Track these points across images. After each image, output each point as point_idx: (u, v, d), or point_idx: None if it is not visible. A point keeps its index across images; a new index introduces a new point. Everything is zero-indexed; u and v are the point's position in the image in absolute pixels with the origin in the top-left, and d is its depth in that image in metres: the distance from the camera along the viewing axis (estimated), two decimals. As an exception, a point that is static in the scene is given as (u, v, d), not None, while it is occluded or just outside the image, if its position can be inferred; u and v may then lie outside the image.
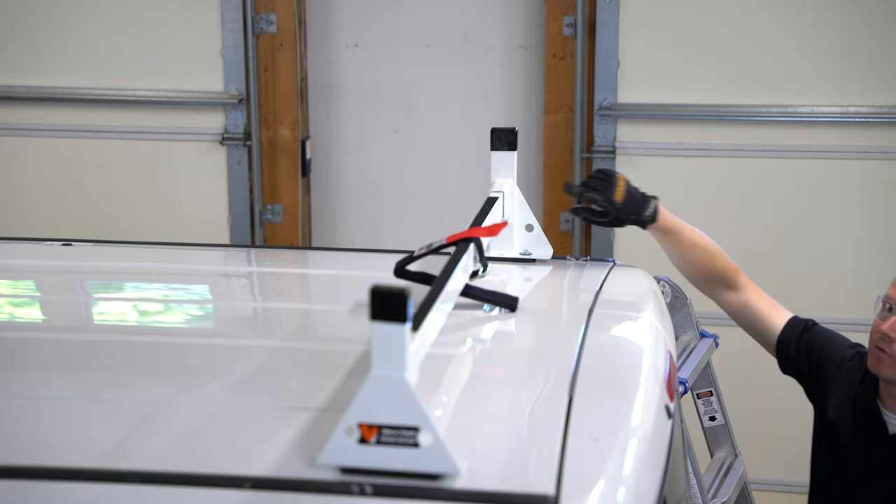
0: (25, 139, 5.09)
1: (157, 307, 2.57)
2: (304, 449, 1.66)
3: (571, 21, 4.79)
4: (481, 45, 5.04)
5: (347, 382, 1.90)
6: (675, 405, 2.15)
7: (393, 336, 1.53)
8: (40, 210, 5.12)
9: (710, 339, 3.38)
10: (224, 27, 4.92)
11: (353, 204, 5.25)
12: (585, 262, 2.77)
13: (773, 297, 3.18)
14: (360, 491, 1.56)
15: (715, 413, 3.46)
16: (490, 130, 2.67)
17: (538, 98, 5.00)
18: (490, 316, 2.27)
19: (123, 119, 5.03)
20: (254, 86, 4.95)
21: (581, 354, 2.04)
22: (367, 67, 5.12)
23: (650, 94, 4.77)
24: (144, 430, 1.78)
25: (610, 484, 1.65)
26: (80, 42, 4.99)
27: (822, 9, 4.65)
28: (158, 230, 5.02)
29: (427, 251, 2.26)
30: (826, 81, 4.69)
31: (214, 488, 1.62)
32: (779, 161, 4.75)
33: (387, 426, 1.55)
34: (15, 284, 2.75)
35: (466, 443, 1.65)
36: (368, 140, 5.19)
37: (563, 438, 1.70)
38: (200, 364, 2.12)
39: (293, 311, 2.56)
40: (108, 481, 1.63)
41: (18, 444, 1.75)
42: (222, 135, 5.00)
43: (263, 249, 4.49)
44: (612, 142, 4.82)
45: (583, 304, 2.44)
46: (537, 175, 5.02)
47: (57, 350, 2.21)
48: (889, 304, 2.74)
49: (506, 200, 2.64)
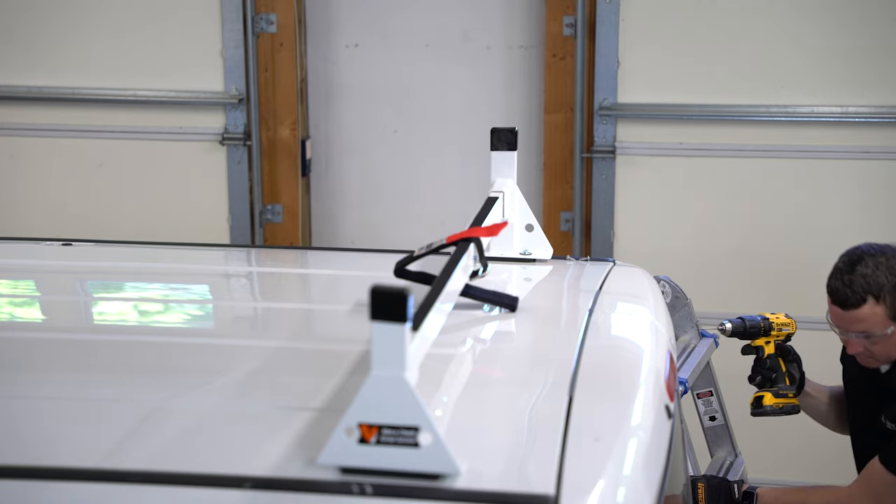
0: (25, 139, 5.09)
1: (157, 307, 2.57)
2: (304, 449, 1.66)
3: (571, 21, 4.79)
4: (481, 45, 5.04)
5: (347, 382, 1.90)
6: (675, 405, 2.15)
7: (393, 336, 1.53)
8: (40, 210, 5.12)
9: (710, 339, 3.38)
10: (224, 27, 4.92)
11: (353, 204, 5.26)
12: (585, 262, 2.77)
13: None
14: (360, 491, 1.56)
15: (715, 413, 3.46)
16: (490, 130, 2.67)
17: (538, 98, 5.00)
18: (490, 316, 2.27)
19: (123, 119, 5.03)
20: (254, 86, 4.95)
21: (581, 354, 2.04)
22: (367, 67, 5.12)
23: (650, 94, 4.77)
24: (144, 430, 1.78)
25: (610, 484, 1.65)
26: (80, 42, 4.99)
27: (822, 9, 4.64)
28: (158, 230, 5.02)
29: (427, 251, 2.26)
30: (826, 81, 4.69)
31: (214, 488, 1.62)
32: (779, 161, 4.75)
33: (387, 426, 1.55)
34: (15, 284, 2.75)
35: (466, 443, 1.65)
36: (368, 140, 5.19)
37: (563, 438, 1.70)
38: (200, 364, 2.11)
39: (293, 311, 2.56)
40: (108, 481, 1.63)
41: (18, 444, 1.75)
42: (222, 135, 5.00)
43: (263, 249, 4.49)
44: (612, 142, 4.82)
45: (583, 304, 2.44)
46: (537, 175, 5.02)
47: (57, 350, 2.21)
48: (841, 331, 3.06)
49: (506, 200, 2.64)
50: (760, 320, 3.29)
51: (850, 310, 2.97)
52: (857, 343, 3.02)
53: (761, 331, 3.27)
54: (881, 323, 2.96)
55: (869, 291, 2.94)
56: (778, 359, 3.28)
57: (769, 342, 3.28)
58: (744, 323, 3.28)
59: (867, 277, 2.95)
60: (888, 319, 2.96)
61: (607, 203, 4.88)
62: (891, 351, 3.02)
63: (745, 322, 3.28)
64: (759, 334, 3.27)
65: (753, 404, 3.32)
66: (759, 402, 3.30)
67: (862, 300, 2.94)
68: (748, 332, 3.28)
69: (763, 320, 3.29)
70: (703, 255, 4.80)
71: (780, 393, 3.28)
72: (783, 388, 3.28)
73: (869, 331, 2.97)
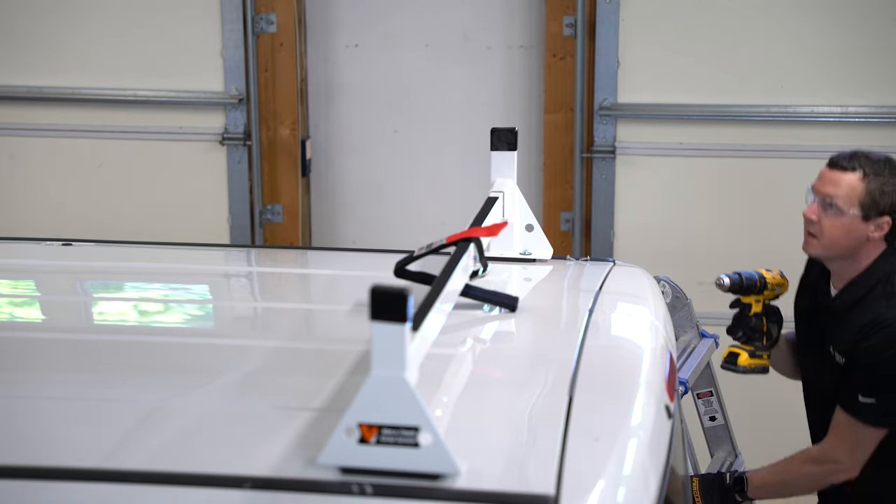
0: (25, 139, 5.09)
1: (157, 307, 2.57)
2: (304, 449, 1.66)
3: (571, 21, 4.79)
4: (481, 45, 5.04)
5: (347, 382, 1.90)
6: (675, 405, 2.15)
7: (393, 336, 1.53)
8: (40, 210, 5.12)
9: (710, 339, 3.38)
10: (224, 27, 4.92)
11: (353, 204, 5.25)
12: (585, 262, 2.77)
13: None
14: (360, 491, 1.56)
15: (715, 413, 3.46)
16: (490, 130, 2.67)
17: (538, 98, 5.00)
18: (490, 316, 2.27)
19: (123, 119, 5.03)
20: (254, 86, 4.95)
21: (581, 354, 2.04)
22: (367, 67, 5.12)
23: (650, 94, 4.77)
24: (144, 430, 1.78)
25: (610, 484, 1.65)
26: (80, 42, 4.99)
27: (822, 9, 4.65)
28: (158, 230, 5.02)
29: (427, 251, 2.26)
30: (826, 81, 4.69)
31: (214, 488, 1.62)
32: (779, 161, 4.75)
33: (387, 426, 1.55)
34: (15, 284, 2.75)
35: (466, 443, 1.65)
36: (368, 140, 5.19)
37: (563, 438, 1.70)
38: (200, 364, 2.12)
39: (293, 311, 2.56)
40: (108, 481, 1.64)
41: (18, 444, 1.75)
42: (222, 135, 5.00)
43: (263, 249, 4.50)
44: (612, 142, 4.82)
45: (583, 304, 2.44)
46: (537, 175, 5.02)
47: (57, 350, 2.21)
48: (813, 194, 3.04)
49: (506, 200, 2.64)
50: (757, 278, 3.24)
51: (837, 171, 3.00)
52: (813, 210, 3.02)
53: (756, 288, 3.23)
54: (851, 199, 2.97)
55: (864, 168, 2.98)
56: (762, 318, 3.25)
57: (759, 301, 3.24)
58: (741, 279, 3.23)
59: (871, 160, 3.00)
60: (858, 204, 2.97)
61: (607, 203, 4.88)
62: (836, 237, 3.00)
63: (742, 278, 3.23)
64: (753, 291, 3.24)
65: (727, 359, 3.28)
66: (733, 358, 3.27)
67: (854, 169, 2.98)
68: (744, 288, 3.24)
69: (760, 278, 3.24)
70: (703, 255, 4.80)
71: (756, 353, 3.26)
72: (760, 348, 3.25)
73: (836, 198, 2.98)
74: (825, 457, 3.06)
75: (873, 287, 3.02)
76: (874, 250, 3.02)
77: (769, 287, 3.25)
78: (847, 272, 3.06)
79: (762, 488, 3.16)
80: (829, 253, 3.04)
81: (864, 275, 3.03)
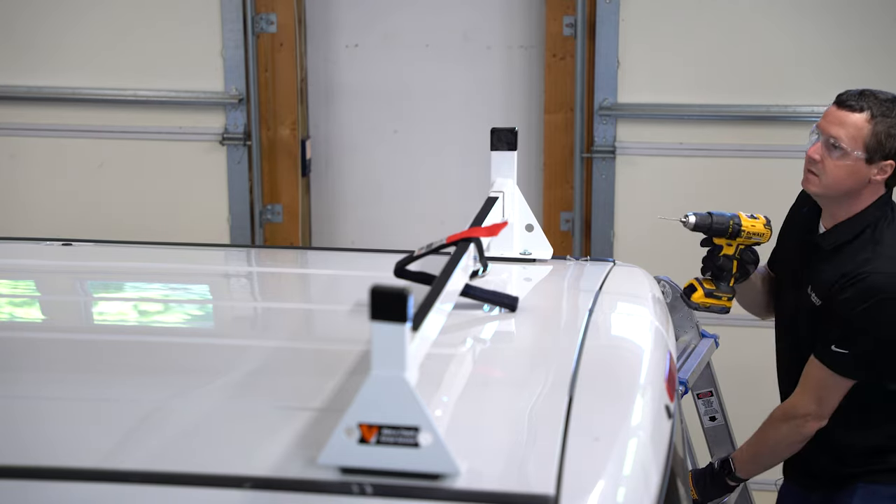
0: (25, 139, 5.09)
1: (157, 307, 2.57)
2: (304, 449, 1.66)
3: (571, 21, 4.79)
4: (481, 45, 5.04)
5: (347, 382, 1.90)
6: (675, 405, 2.15)
7: (393, 336, 1.53)
8: (40, 210, 5.12)
9: (710, 339, 3.38)
10: (224, 27, 4.92)
11: (353, 204, 5.25)
12: (585, 262, 2.78)
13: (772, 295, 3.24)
14: (360, 491, 1.56)
15: (715, 413, 3.46)
16: (490, 130, 2.67)
17: (538, 98, 5.00)
18: (490, 316, 2.27)
19: (123, 119, 5.03)
20: (254, 86, 4.95)
21: (581, 354, 2.04)
22: (367, 67, 5.12)
23: (650, 94, 4.77)
24: (144, 430, 1.78)
25: (610, 484, 1.65)
26: (81, 42, 4.99)
27: (822, 9, 4.65)
28: (158, 230, 5.02)
29: (427, 251, 2.26)
30: (826, 81, 4.68)
31: (214, 488, 1.62)
32: (779, 161, 4.74)
33: (387, 426, 1.55)
34: (15, 284, 2.75)
35: (466, 443, 1.65)
36: (368, 140, 5.19)
37: (563, 438, 1.70)
38: (200, 364, 2.12)
39: (293, 311, 2.56)
40: (108, 481, 1.63)
41: (18, 444, 1.75)
42: (222, 135, 5.00)
43: (263, 249, 4.50)
44: (612, 142, 4.82)
45: (583, 304, 2.44)
46: (537, 175, 5.02)
47: (57, 350, 2.21)
48: (817, 133, 3.01)
49: (506, 200, 2.64)
50: (730, 223, 3.06)
51: (844, 110, 2.97)
52: (817, 149, 2.98)
53: (727, 233, 3.08)
54: (857, 140, 2.94)
55: (873, 108, 2.94)
56: (734, 261, 3.11)
57: (731, 245, 3.11)
58: (710, 219, 3.07)
59: (880, 101, 2.95)
60: (863, 146, 2.94)
61: (607, 203, 4.88)
62: (838, 178, 2.97)
63: (711, 219, 3.07)
64: (724, 235, 3.09)
65: (685, 290, 3.16)
66: (689, 292, 3.14)
67: (861, 109, 2.94)
68: (713, 229, 3.07)
69: (733, 224, 3.06)
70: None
71: (715, 294, 3.13)
72: (722, 289, 3.13)
73: (841, 140, 2.94)
74: (793, 412, 3.06)
75: (861, 231, 3.00)
76: (872, 194, 3.01)
77: (743, 234, 3.09)
78: (840, 213, 3.04)
79: (748, 463, 3.16)
80: (828, 192, 3.01)
81: (857, 217, 3.01)
